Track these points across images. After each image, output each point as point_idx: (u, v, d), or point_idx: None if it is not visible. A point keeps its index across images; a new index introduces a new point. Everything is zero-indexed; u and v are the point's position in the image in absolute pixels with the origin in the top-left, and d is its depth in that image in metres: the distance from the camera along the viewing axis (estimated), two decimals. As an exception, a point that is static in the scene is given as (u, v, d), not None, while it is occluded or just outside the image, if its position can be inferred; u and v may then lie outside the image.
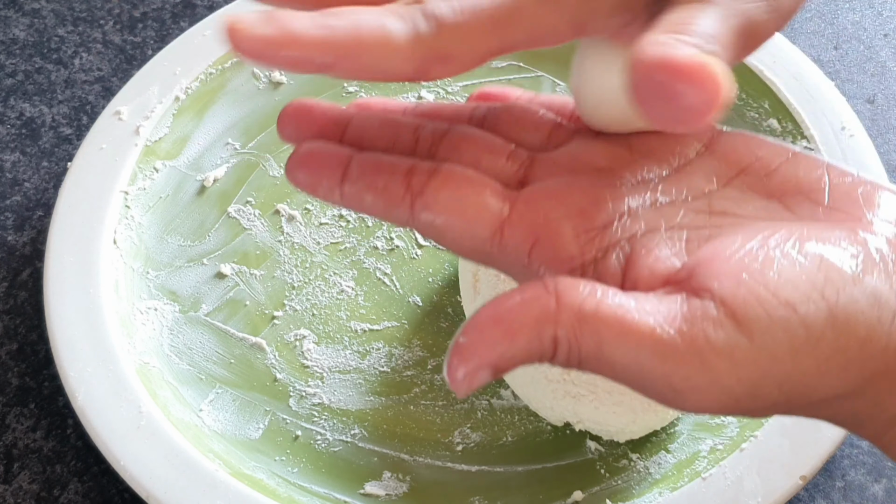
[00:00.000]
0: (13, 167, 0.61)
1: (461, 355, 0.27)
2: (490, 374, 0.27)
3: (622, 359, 0.27)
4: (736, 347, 0.27)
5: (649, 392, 0.28)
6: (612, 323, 0.27)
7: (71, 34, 0.68)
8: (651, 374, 0.27)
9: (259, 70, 0.63)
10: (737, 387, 0.27)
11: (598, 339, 0.27)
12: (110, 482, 0.50)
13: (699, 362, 0.27)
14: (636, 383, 0.28)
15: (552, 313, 0.27)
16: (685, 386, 0.27)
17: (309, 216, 0.58)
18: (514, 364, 0.27)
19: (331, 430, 0.50)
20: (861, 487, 0.49)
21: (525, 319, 0.27)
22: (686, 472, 0.48)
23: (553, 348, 0.27)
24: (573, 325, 0.27)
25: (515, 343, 0.27)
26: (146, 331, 0.53)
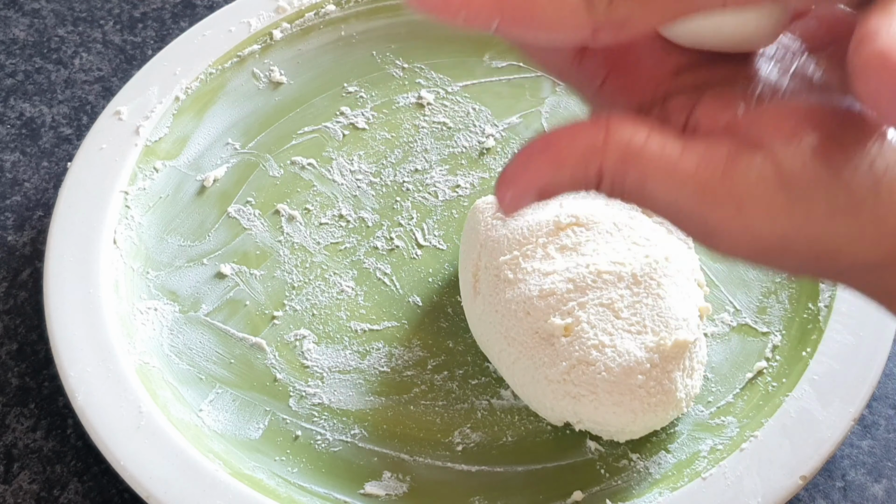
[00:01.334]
0: (13, 167, 0.61)
1: (510, 177, 0.29)
2: (536, 196, 0.29)
3: (663, 196, 0.28)
4: (774, 200, 0.27)
5: (686, 229, 0.29)
6: (657, 161, 0.28)
7: (71, 34, 0.68)
8: (689, 213, 0.28)
9: (259, 70, 0.63)
10: (769, 236, 0.28)
11: (641, 175, 0.28)
12: (110, 482, 0.50)
13: (735, 208, 0.28)
14: (674, 219, 0.29)
15: (600, 146, 0.28)
16: (719, 228, 0.28)
17: (309, 216, 0.58)
18: (559, 190, 0.29)
19: (331, 430, 0.50)
20: (861, 487, 0.49)
21: (573, 149, 0.28)
22: (686, 472, 0.48)
23: (598, 179, 0.28)
24: (619, 159, 0.28)
25: (562, 171, 0.28)
26: (146, 331, 0.53)
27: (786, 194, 0.27)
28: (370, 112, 0.62)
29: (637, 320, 0.47)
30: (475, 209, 0.53)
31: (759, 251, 0.29)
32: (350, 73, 0.64)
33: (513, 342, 0.48)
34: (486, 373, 0.52)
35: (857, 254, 0.28)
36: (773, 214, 0.28)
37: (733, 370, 0.52)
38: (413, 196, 0.59)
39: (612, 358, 0.46)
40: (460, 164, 0.60)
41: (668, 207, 0.28)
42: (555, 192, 0.29)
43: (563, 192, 0.29)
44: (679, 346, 0.47)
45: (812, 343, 0.50)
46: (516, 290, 0.49)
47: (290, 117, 0.62)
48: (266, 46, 0.63)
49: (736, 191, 0.28)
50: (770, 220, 0.28)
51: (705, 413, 0.50)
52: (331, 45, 0.64)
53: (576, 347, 0.47)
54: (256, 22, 0.63)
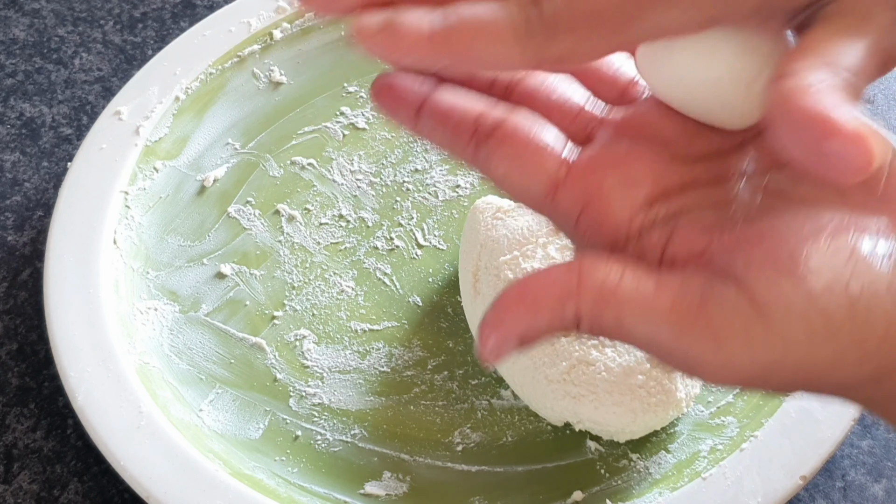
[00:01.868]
0: (13, 167, 0.61)
1: (490, 326, 0.29)
2: (517, 344, 0.29)
3: (642, 333, 0.28)
4: (751, 331, 0.27)
5: (669, 363, 0.29)
6: (632, 301, 0.28)
7: (71, 34, 0.68)
8: (669, 348, 0.28)
9: (259, 70, 0.63)
10: (749, 367, 0.28)
11: (617, 314, 0.28)
12: (110, 482, 0.50)
13: (713, 341, 0.27)
14: (656, 354, 0.29)
15: (574, 290, 0.28)
16: (700, 361, 0.28)
17: (309, 216, 0.58)
18: (540, 335, 0.29)
19: (331, 430, 0.50)
20: (861, 487, 0.49)
21: (548, 296, 0.29)
22: (686, 472, 0.48)
23: (576, 322, 0.29)
24: (594, 301, 0.28)
25: (539, 317, 0.29)
26: (146, 331, 0.53)
27: (762, 325, 0.27)
28: (370, 112, 0.62)
29: (637, 320, 0.47)
30: (475, 209, 0.53)
31: (744, 381, 0.28)
32: (350, 73, 0.64)
33: (513, 342, 0.48)
34: (486, 373, 0.52)
35: (841, 377, 0.28)
36: (751, 346, 0.27)
37: (733, 370, 0.51)
38: (413, 196, 0.59)
39: (612, 358, 0.46)
40: (460, 163, 0.60)
41: (648, 344, 0.29)
42: (536, 338, 0.29)
43: (545, 337, 0.29)
44: (679, 346, 0.47)
45: (812, 343, 0.50)
46: (516, 290, 0.49)
47: (290, 117, 0.62)
48: (266, 46, 0.63)
49: (712, 324, 0.27)
50: (749, 352, 0.27)
51: (705, 413, 0.50)
52: (331, 45, 0.64)
53: (576, 347, 0.47)
54: (256, 22, 0.63)
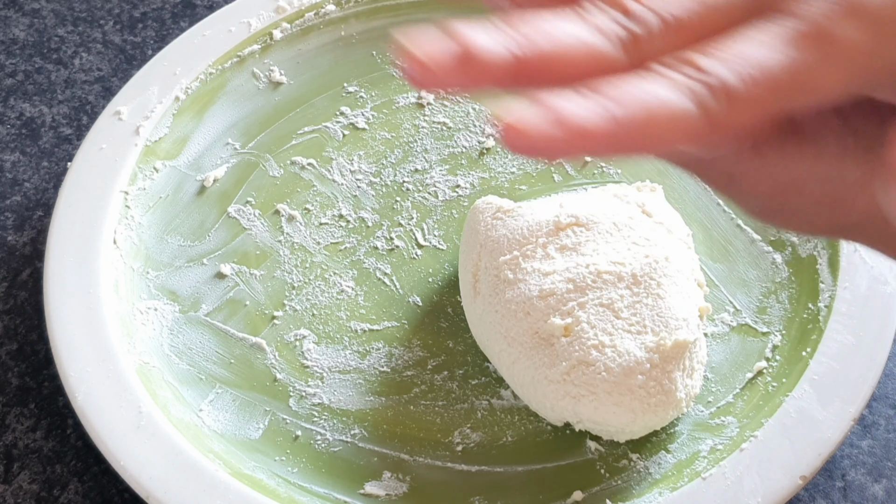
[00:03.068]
0: (13, 167, 0.61)
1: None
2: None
3: None
4: (786, 140, 0.28)
5: (705, 176, 0.30)
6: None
7: (71, 34, 0.68)
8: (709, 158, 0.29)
9: (259, 70, 0.63)
10: (783, 175, 0.28)
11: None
12: (110, 482, 0.50)
13: (752, 148, 0.28)
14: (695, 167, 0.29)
15: None
16: (737, 170, 0.28)
17: (309, 216, 0.58)
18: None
19: (331, 430, 0.50)
20: (861, 487, 0.49)
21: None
22: (686, 472, 0.48)
23: None
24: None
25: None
26: (146, 331, 0.53)
27: (797, 135, 0.28)
28: (370, 112, 0.62)
29: (637, 320, 0.47)
30: (475, 209, 0.53)
31: (776, 193, 0.29)
32: (350, 73, 0.64)
33: (513, 342, 0.48)
34: (486, 373, 0.52)
35: (868, 202, 0.28)
36: (786, 154, 0.28)
37: (733, 370, 0.52)
38: (413, 196, 0.59)
39: (612, 358, 0.46)
40: (460, 164, 0.60)
41: (689, 153, 0.29)
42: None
43: None
44: (679, 346, 0.47)
45: (812, 343, 0.50)
46: (516, 290, 0.49)
47: (290, 117, 0.62)
48: (266, 46, 0.63)
49: (753, 132, 0.28)
50: (783, 160, 0.28)
51: (705, 413, 0.50)
52: (331, 45, 0.64)
53: (576, 348, 0.47)
54: (256, 22, 0.63)
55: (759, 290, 0.54)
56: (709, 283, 0.54)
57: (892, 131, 0.26)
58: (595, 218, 0.50)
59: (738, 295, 0.54)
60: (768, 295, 0.54)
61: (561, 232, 0.50)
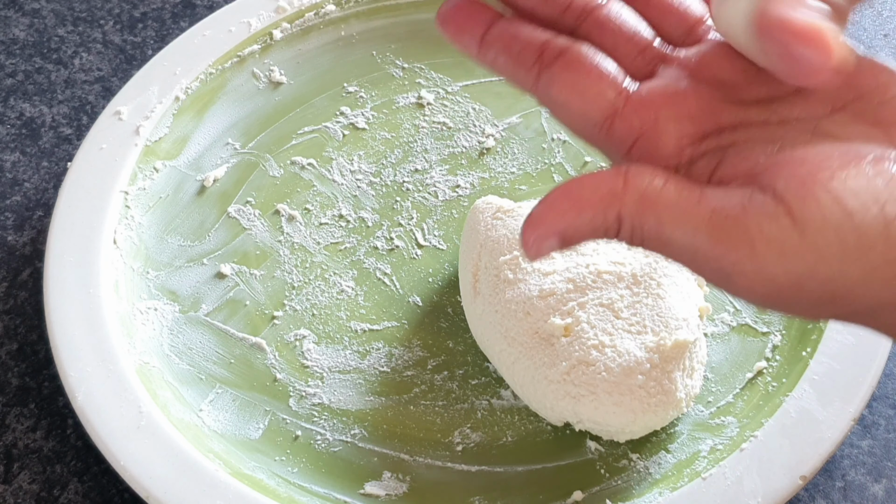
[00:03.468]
0: (13, 167, 0.61)
1: (533, 222, 0.30)
2: (558, 242, 0.30)
3: (680, 240, 0.29)
4: (786, 241, 0.28)
5: (702, 272, 0.30)
6: (673, 206, 0.29)
7: (71, 34, 0.68)
8: (705, 256, 0.29)
9: (259, 70, 0.63)
10: (782, 277, 0.29)
11: (658, 220, 0.29)
12: (110, 482, 0.50)
13: (749, 249, 0.28)
14: (692, 263, 0.30)
15: (619, 192, 0.30)
16: (735, 270, 0.29)
17: (309, 216, 0.58)
18: (580, 236, 0.30)
19: (331, 430, 0.50)
20: (861, 487, 0.49)
21: (593, 195, 0.30)
22: (686, 472, 0.48)
23: (617, 226, 0.30)
24: (637, 204, 0.29)
25: (582, 215, 0.30)
26: (146, 331, 0.53)
27: (798, 235, 0.28)
28: (370, 112, 0.62)
29: (637, 320, 0.47)
30: (475, 209, 0.53)
31: (774, 293, 0.29)
32: (350, 73, 0.64)
33: (513, 342, 0.48)
34: (486, 373, 0.52)
35: (870, 294, 0.29)
36: (785, 255, 0.28)
37: (733, 370, 0.52)
38: (413, 196, 0.59)
39: (612, 358, 0.46)
40: (460, 164, 0.60)
41: (685, 251, 0.30)
42: (576, 238, 0.30)
43: (585, 239, 0.30)
44: (679, 346, 0.47)
45: (812, 343, 0.50)
46: (516, 290, 0.49)
47: (290, 117, 0.62)
48: (266, 46, 0.63)
49: (749, 232, 0.29)
50: (783, 262, 0.28)
51: (705, 413, 0.50)
52: (331, 45, 0.65)
53: (576, 347, 0.47)
54: (256, 22, 0.63)
55: (759, 290, 0.54)
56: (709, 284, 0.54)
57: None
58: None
59: (738, 295, 0.54)
60: (768, 295, 0.54)
61: (561, 232, 0.50)
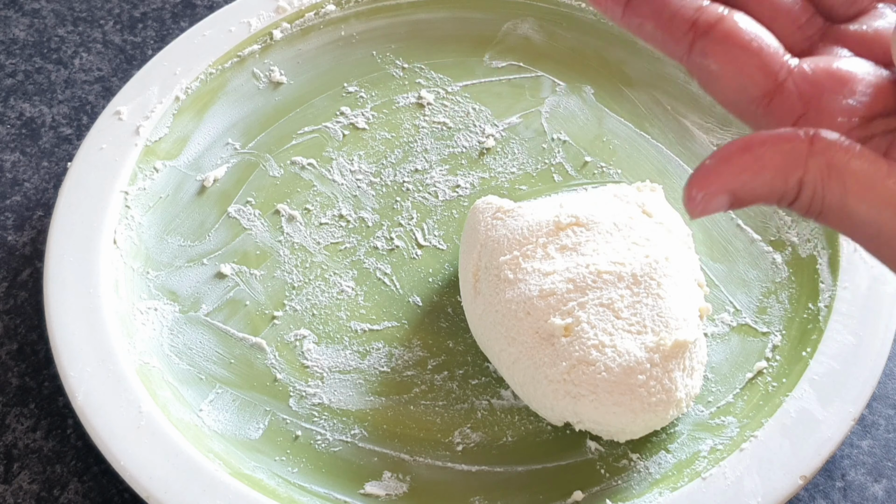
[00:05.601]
0: (13, 167, 0.61)
1: (703, 176, 0.28)
2: (728, 201, 0.28)
3: (864, 215, 0.28)
4: None
5: (882, 254, 0.29)
6: (861, 177, 0.27)
7: (71, 34, 0.68)
8: (889, 235, 0.28)
9: (259, 70, 0.63)
10: None
11: (843, 190, 0.27)
12: (110, 482, 0.50)
13: None
14: (872, 243, 0.28)
15: (803, 155, 0.28)
16: None
17: (309, 216, 0.58)
18: (754, 198, 0.28)
19: (331, 430, 0.50)
20: (861, 487, 0.49)
21: (775, 154, 0.28)
22: (686, 472, 0.48)
23: (797, 191, 0.28)
24: (822, 171, 0.28)
25: (760, 175, 0.28)
26: (146, 331, 0.53)
27: None
28: (370, 112, 0.62)
29: (637, 320, 0.47)
30: (475, 209, 0.53)
31: None
32: (350, 73, 0.64)
33: (513, 342, 0.48)
34: (486, 373, 0.52)
35: None
36: None
37: (733, 370, 0.52)
38: (413, 196, 0.59)
39: (612, 358, 0.46)
40: (460, 164, 0.60)
41: (867, 228, 0.28)
42: (749, 199, 0.28)
43: (758, 202, 0.28)
44: (679, 346, 0.47)
45: (812, 343, 0.50)
46: (516, 290, 0.49)
47: (290, 117, 0.62)
48: (266, 46, 0.63)
49: None
50: None
51: (705, 413, 0.50)
52: (331, 45, 0.65)
53: (576, 347, 0.47)
54: (256, 22, 0.63)
55: (759, 290, 0.54)
56: (709, 283, 0.54)
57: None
58: (595, 218, 0.51)
59: (738, 295, 0.54)
60: (768, 295, 0.54)
61: (561, 232, 0.50)
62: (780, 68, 0.30)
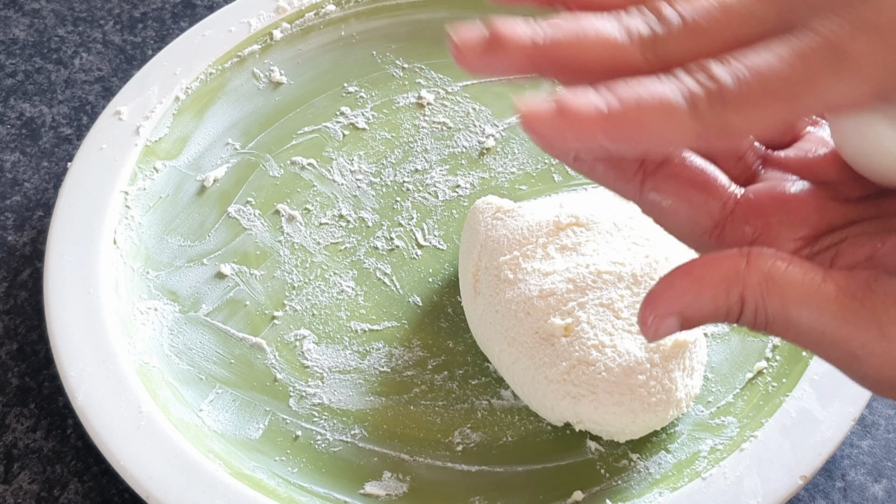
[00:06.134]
0: (13, 167, 0.61)
1: (652, 301, 0.29)
2: (678, 322, 0.29)
3: (806, 322, 0.29)
4: None
5: (830, 356, 0.30)
6: (798, 285, 0.28)
7: (71, 34, 0.68)
8: (832, 338, 0.29)
9: (259, 70, 0.63)
10: None
11: (783, 300, 0.29)
12: (110, 482, 0.50)
13: (878, 329, 0.28)
14: (818, 347, 0.29)
15: (741, 272, 0.29)
16: (863, 352, 0.28)
17: (309, 216, 0.58)
18: (701, 316, 0.29)
19: (331, 430, 0.50)
20: (861, 487, 0.49)
21: (714, 274, 0.29)
22: (686, 472, 0.48)
23: (740, 306, 0.29)
24: (761, 284, 0.29)
25: (702, 295, 0.29)
26: (146, 331, 0.53)
27: None
28: (370, 112, 0.62)
29: (637, 320, 0.47)
30: (475, 209, 0.53)
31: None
32: (350, 73, 0.64)
33: (513, 342, 0.48)
34: (486, 373, 0.52)
35: None
36: None
37: (733, 370, 0.52)
38: (413, 196, 0.59)
39: (612, 358, 0.46)
40: (460, 164, 0.60)
41: (811, 334, 0.29)
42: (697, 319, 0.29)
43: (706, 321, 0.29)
44: (679, 346, 0.47)
45: (812, 343, 0.50)
46: (516, 290, 0.49)
47: (290, 117, 0.62)
48: (266, 46, 0.63)
49: (877, 312, 0.28)
50: None
51: (705, 413, 0.50)
52: (331, 45, 0.65)
53: (576, 347, 0.47)
54: (256, 22, 0.63)
55: (759, 290, 0.54)
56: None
57: None
58: (595, 218, 0.50)
59: (738, 295, 0.54)
60: (768, 295, 0.54)
61: (561, 232, 0.50)
62: (728, 199, 0.32)
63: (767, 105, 0.27)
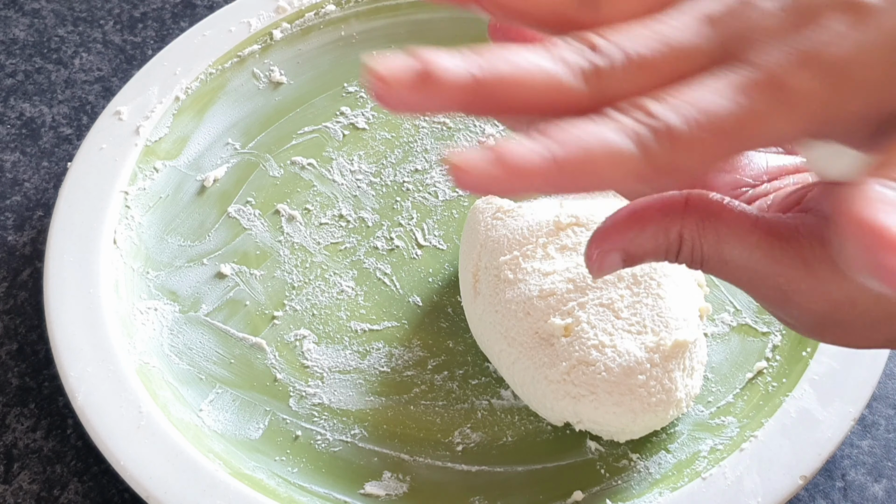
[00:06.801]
0: (13, 167, 0.61)
1: (598, 236, 0.31)
2: (620, 258, 0.31)
3: (738, 259, 0.30)
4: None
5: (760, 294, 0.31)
6: (732, 224, 0.30)
7: (71, 34, 0.68)
8: (763, 275, 0.30)
9: (259, 70, 0.63)
10: (836, 292, 0.29)
11: (717, 239, 0.30)
12: (110, 482, 0.50)
13: (804, 267, 0.29)
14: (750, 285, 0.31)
15: (680, 210, 0.30)
16: (790, 288, 0.30)
17: (309, 216, 0.58)
18: (643, 253, 0.31)
19: (331, 430, 0.50)
20: (861, 487, 0.49)
21: (655, 211, 0.31)
22: (686, 472, 0.48)
23: (678, 244, 0.30)
24: (697, 223, 0.30)
25: (644, 231, 0.30)
26: (146, 331, 0.53)
27: None
28: (370, 112, 0.62)
29: (637, 320, 0.47)
30: (475, 209, 0.53)
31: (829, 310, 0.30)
32: (350, 73, 0.64)
33: (513, 342, 0.48)
34: (486, 373, 0.52)
35: None
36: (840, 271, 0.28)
37: (733, 370, 0.52)
38: (413, 196, 0.59)
39: (612, 358, 0.46)
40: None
41: (743, 271, 0.30)
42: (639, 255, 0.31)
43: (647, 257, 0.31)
44: (679, 346, 0.47)
45: (812, 343, 0.50)
46: (516, 290, 0.49)
47: (290, 117, 0.62)
48: (266, 46, 0.63)
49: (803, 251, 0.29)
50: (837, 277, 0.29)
51: (705, 413, 0.50)
52: (331, 45, 0.65)
53: (576, 347, 0.47)
54: (256, 22, 0.63)
55: (759, 290, 0.54)
56: (709, 283, 0.54)
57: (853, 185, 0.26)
58: (595, 218, 0.50)
59: (738, 295, 0.54)
60: (768, 295, 0.54)
61: (561, 232, 0.50)
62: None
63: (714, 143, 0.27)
